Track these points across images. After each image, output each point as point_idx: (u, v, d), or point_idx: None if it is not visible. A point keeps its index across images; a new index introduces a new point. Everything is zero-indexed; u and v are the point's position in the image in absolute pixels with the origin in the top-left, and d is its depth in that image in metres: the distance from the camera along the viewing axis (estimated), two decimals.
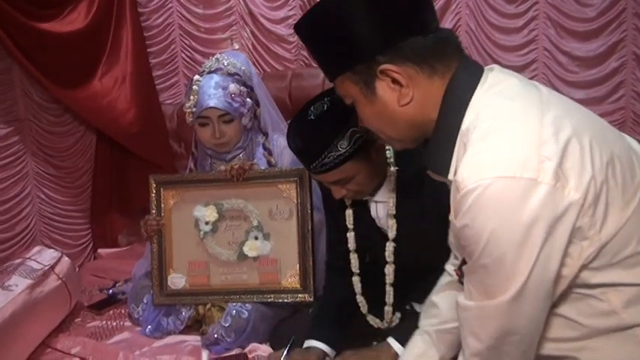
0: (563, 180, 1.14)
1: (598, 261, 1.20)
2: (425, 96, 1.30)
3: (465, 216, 1.18)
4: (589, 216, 1.16)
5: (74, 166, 3.26)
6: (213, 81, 2.44)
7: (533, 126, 1.18)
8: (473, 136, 1.22)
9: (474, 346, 1.28)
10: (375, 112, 1.35)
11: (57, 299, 2.47)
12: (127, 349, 2.34)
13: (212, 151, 2.58)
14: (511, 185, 1.13)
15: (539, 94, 1.28)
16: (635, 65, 2.94)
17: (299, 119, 1.88)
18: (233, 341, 2.28)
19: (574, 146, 1.17)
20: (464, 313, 1.30)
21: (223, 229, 2.47)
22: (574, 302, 1.26)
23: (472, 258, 1.22)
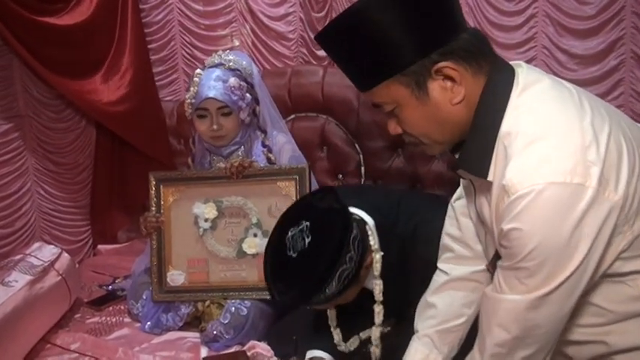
0: (604, 183, 1.18)
1: (629, 252, 1.26)
2: (471, 94, 1.31)
3: (514, 220, 1.21)
4: (624, 213, 1.22)
5: (74, 162, 3.26)
6: (214, 74, 2.47)
7: (575, 131, 1.22)
8: (517, 142, 1.24)
9: (501, 337, 1.31)
10: (425, 115, 1.33)
11: (57, 295, 2.47)
12: (126, 345, 2.35)
13: (209, 145, 2.59)
14: (562, 191, 1.17)
15: (571, 94, 1.31)
16: (634, 63, 2.93)
17: (279, 256, 1.73)
18: (232, 338, 2.29)
19: (612, 147, 1.22)
20: (494, 304, 1.32)
21: (222, 226, 2.48)
22: (603, 290, 1.31)
23: (514, 259, 1.24)
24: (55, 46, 2.91)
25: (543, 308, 1.25)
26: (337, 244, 1.65)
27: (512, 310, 1.27)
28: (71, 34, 2.93)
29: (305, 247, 1.66)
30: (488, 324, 1.33)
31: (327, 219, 1.71)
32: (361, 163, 3.05)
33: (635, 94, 3.02)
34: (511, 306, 1.28)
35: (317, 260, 1.66)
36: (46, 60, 2.89)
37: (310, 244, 1.66)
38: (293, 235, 1.69)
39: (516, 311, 1.27)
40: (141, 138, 3.18)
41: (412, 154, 2.94)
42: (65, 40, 2.93)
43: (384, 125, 2.89)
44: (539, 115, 1.26)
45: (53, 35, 2.89)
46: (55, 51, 2.91)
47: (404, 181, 2.98)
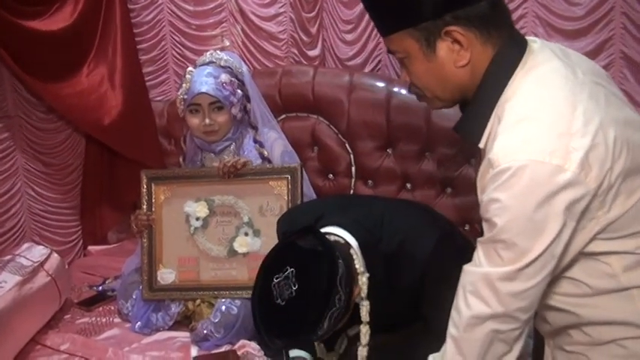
0: (587, 169, 1.24)
1: (605, 234, 1.32)
2: (477, 61, 1.39)
3: (495, 192, 1.28)
4: (600, 200, 1.28)
5: (64, 162, 3.24)
6: (206, 71, 2.50)
7: (565, 117, 1.28)
8: (509, 118, 1.32)
9: (478, 308, 1.34)
10: (429, 70, 1.43)
11: (46, 296, 2.47)
12: (116, 345, 2.35)
13: (201, 142, 2.59)
14: (540, 168, 1.23)
15: (574, 81, 1.36)
16: (623, 64, 2.94)
17: (267, 305, 1.71)
18: (222, 337, 2.29)
19: (599, 139, 1.27)
20: (471, 277, 1.36)
21: (214, 224, 2.48)
22: (581, 266, 1.37)
23: (492, 231, 1.31)
24: (38, 50, 2.88)
25: (517, 282, 1.30)
26: (325, 292, 1.65)
27: (489, 281, 1.32)
28: (54, 37, 2.90)
29: (293, 295, 1.65)
30: (464, 296, 1.37)
31: (312, 264, 1.69)
32: (352, 163, 3.05)
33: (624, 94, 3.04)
34: (487, 278, 1.32)
35: (306, 309, 1.66)
36: (28, 64, 2.86)
37: (297, 292, 1.65)
38: (279, 282, 1.67)
39: (492, 282, 1.31)
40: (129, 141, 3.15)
41: (403, 154, 2.95)
42: (48, 43, 2.90)
43: (374, 125, 2.93)
44: (535, 97, 1.33)
45: (35, 39, 2.86)
46: (37, 55, 2.88)
47: (394, 181, 2.98)
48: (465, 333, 1.37)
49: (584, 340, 1.41)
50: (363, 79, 3.01)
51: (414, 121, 2.88)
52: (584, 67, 1.43)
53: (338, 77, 3.04)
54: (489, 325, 1.34)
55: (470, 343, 1.37)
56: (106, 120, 3.06)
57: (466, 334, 1.37)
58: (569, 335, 1.45)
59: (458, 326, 1.39)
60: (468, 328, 1.36)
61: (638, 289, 1.34)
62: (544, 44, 1.44)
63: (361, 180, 3.05)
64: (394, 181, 2.99)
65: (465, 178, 2.81)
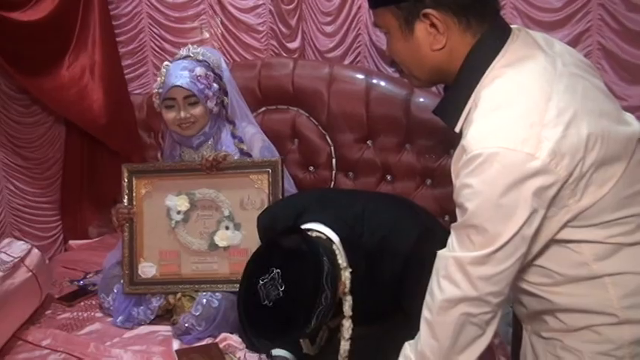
0: (558, 158, 1.26)
1: (577, 222, 1.34)
2: (454, 47, 1.41)
3: (466, 177, 1.31)
4: (571, 189, 1.30)
5: (44, 157, 3.23)
6: (181, 65, 2.48)
7: (539, 107, 1.30)
8: (484, 104, 1.35)
9: (450, 291, 1.37)
10: (406, 49, 1.45)
11: (27, 291, 2.45)
12: (97, 340, 2.35)
13: (178, 137, 2.59)
14: (510, 155, 1.26)
15: (554, 70, 1.38)
16: (601, 55, 2.96)
17: (254, 306, 1.70)
18: (204, 330, 2.30)
19: (572, 131, 1.29)
20: (444, 261, 1.39)
21: (195, 218, 2.48)
22: (552, 255, 1.40)
23: (464, 216, 1.33)
24: (19, 41, 2.86)
25: (488, 266, 1.32)
26: (312, 291, 1.67)
27: (460, 265, 1.34)
28: (34, 28, 2.88)
29: (280, 297, 1.65)
30: (437, 280, 1.40)
31: (298, 264, 1.70)
32: (332, 155, 3.05)
33: None
34: (459, 262, 1.35)
35: (294, 310, 1.67)
36: (9, 55, 2.84)
37: (284, 292, 1.65)
38: (265, 283, 1.67)
39: (464, 266, 1.34)
40: (110, 133, 3.14)
41: (383, 145, 2.96)
42: (28, 35, 2.88)
43: (354, 117, 2.94)
44: (511, 85, 1.36)
45: (16, 30, 2.84)
46: (18, 46, 2.86)
47: (375, 173, 3.00)
48: (438, 316, 1.39)
49: (559, 326, 1.44)
50: (342, 71, 3.02)
51: (393, 113, 2.90)
52: (567, 58, 1.44)
53: (318, 69, 3.05)
54: (461, 309, 1.36)
55: (443, 326, 1.39)
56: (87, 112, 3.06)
57: (439, 317, 1.39)
58: (545, 321, 1.47)
59: (431, 310, 1.41)
60: (441, 312, 1.38)
61: (610, 277, 1.37)
62: (528, 34, 1.46)
63: (342, 172, 3.06)
64: (374, 173, 3.01)
65: (445, 169, 2.82)
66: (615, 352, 1.39)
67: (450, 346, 1.40)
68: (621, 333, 1.38)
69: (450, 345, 1.40)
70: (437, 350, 1.41)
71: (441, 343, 1.40)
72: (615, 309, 1.37)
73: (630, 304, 1.37)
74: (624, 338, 1.38)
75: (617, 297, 1.37)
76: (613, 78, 2.89)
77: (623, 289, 1.37)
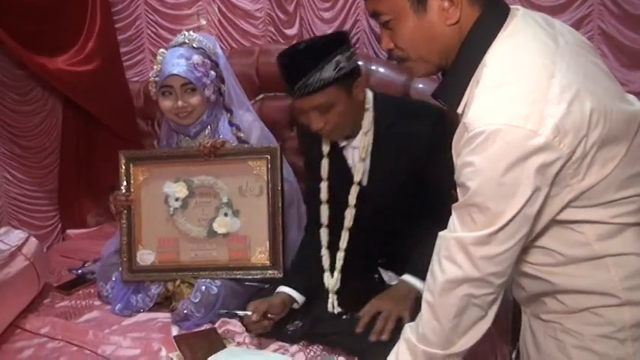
0: (562, 135, 1.24)
1: (579, 202, 1.33)
2: (464, 21, 1.39)
3: (468, 155, 1.29)
4: (574, 168, 1.28)
5: (40, 146, 3.22)
6: (178, 52, 2.46)
7: (542, 84, 1.28)
8: (486, 81, 1.33)
9: (452, 272, 1.36)
10: (418, 28, 1.41)
11: (25, 280, 2.44)
12: (96, 327, 2.33)
13: (175, 125, 2.56)
14: (513, 132, 1.24)
15: (556, 47, 1.37)
16: (601, 40, 2.94)
17: (289, 48, 2.11)
18: (203, 317, 2.28)
19: (575, 107, 1.27)
20: (446, 242, 1.38)
21: (193, 205, 2.46)
22: (553, 235, 1.38)
23: (466, 195, 1.32)
24: (25, 19, 2.85)
25: (491, 245, 1.31)
26: (337, 38, 2.09)
27: (463, 246, 1.33)
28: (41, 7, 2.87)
29: (313, 42, 2.15)
30: (439, 261, 1.39)
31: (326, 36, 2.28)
32: None
33: None
34: (461, 242, 1.34)
35: (320, 45, 2.06)
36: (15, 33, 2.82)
37: (318, 41, 2.16)
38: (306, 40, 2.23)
39: (466, 247, 1.33)
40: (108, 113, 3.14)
41: None
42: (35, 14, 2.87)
43: None
44: (513, 62, 1.33)
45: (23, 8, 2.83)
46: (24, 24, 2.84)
47: None
48: (440, 298, 1.38)
49: (559, 308, 1.43)
50: None
51: None
52: (568, 37, 1.42)
53: None
54: (463, 290, 1.35)
55: (445, 308, 1.38)
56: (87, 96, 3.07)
57: (441, 299, 1.38)
58: (544, 303, 1.46)
59: (433, 291, 1.40)
60: (443, 293, 1.38)
61: (612, 257, 1.36)
62: (527, 13, 1.44)
63: None
64: None
65: None
66: (616, 334, 1.38)
67: (452, 327, 1.39)
68: (622, 315, 1.37)
69: (452, 327, 1.39)
70: (439, 332, 1.40)
71: (442, 325, 1.39)
72: (617, 290, 1.36)
73: (632, 286, 1.36)
74: (625, 320, 1.37)
75: (619, 278, 1.36)
76: (614, 63, 2.88)
77: (625, 270, 1.36)
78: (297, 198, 2.67)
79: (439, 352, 1.42)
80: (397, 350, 1.50)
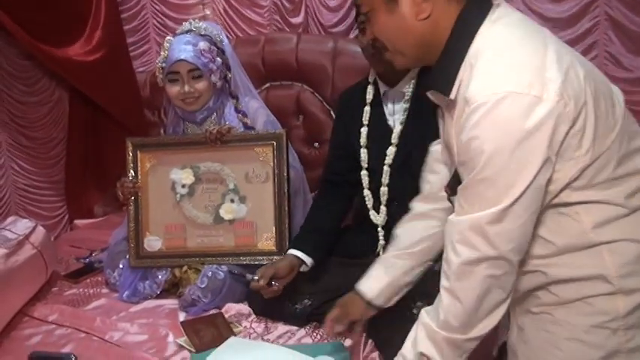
0: (566, 99, 1.25)
1: (579, 181, 1.33)
2: (440, 17, 1.39)
3: (474, 129, 1.27)
4: (577, 138, 1.29)
5: (47, 136, 3.22)
6: (185, 39, 2.46)
7: (538, 52, 1.30)
8: (482, 58, 1.32)
9: (469, 255, 1.34)
10: (392, 22, 1.42)
11: (33, 268, 2.45)
12: (104, 314, 2.34)
13: (182, 112, 2.57)
14: (519, 100, 1.23)
15: (541, 30, 1.40)
16: (608, 25, 2.93)
17: None
18: (210, 302, 2.29)
19: (573, 74, 1.29)
20: (456, 226, 1.36)
21: (200, 192, 2.47)
22: (549, 223, 1.37)
23: (473, 172, 1.30)
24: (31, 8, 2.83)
25: (505, 222, 1.29)
26: None
27: (478, 225, 1.31)
28: None
29: None
30: (452, 246, 1.37)
31: None
32: None
33: (609, 57, 3.02)
34: (475, 222, 1.32)
35: None
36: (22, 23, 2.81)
37: None
38: None
39: (481, 227, 1.31)
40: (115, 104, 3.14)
41: None
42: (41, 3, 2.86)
43: None
44: (507, 37, 1.34)
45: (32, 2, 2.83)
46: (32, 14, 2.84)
47: None
48: (458, 282, 1.37)
49: (551, 300, 1.42)
50: (347, 46, 2.99)
51: None
52: None
53: (322, 44, 3.02)
54: (483, 271, 1.33)
55: (466, 291, 1.36)
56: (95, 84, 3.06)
57: (459, 282, 1.37)
58: (537, 297, 1.45)
59: (449, 277, 1.39)
60: (462, 277, 1.36)
61: (607, 244, 1.35)
62: (507, 5, 1.44)
63: None
64: None
65: None
66: (609, 324, 1.36)
67: (474, 310, 1.37)
68: (616, 304, 1.36)
69: (474, 309, 1.37)
70: (461, 315, 1.39)
71: (465, 308, 1.37)
72: (612, 277, 1.35)
73: (626, 273, 1.35)
74: (619, 310, 1.36)
75: (614, 266, 1.35)
76: (620, 49, 2.86)
77: (621, 257, 1.35)
78: (303, 185, 2.68)
79: (459, 337, 1.41)
80: (415, 336, 1.48)
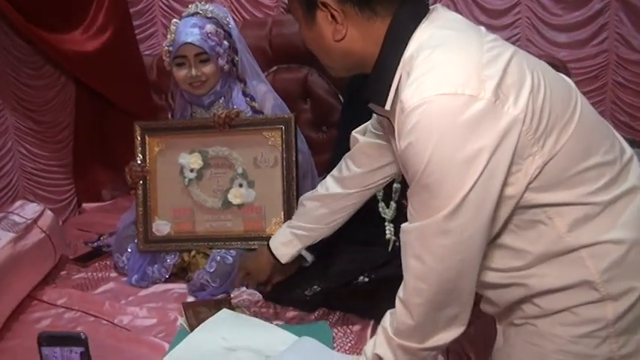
0: (503, 98, 1.18)
1: (542, 179, 1.25)
2: (363, 35, 1.36)
3: (409, 135, 1.21)
4: (532, 132, 1.22)
5: (55, 120, 3.21)
6: (191, 22, 2.44)
7: (474, 50, 1.24)
8: (416, 62, 1.26)
9: (417, 269, 1.30)
10: (312, 38, 1.41)
11: (41, 252, 2.44)
12: (112, 298, 2.34)
13: (189, 96, 2.56)
14: (452, 101, 1.17)
15: (478, 27, 1.35)
16: (619, 6, 2.91)
17: None
18: (218, 287, 2.28)
19: (513, 67, 1.23)
20: (406, 236, 1.32)
21: (208, 176, 2.46)
22: (521, 231, 1.31)
23: (415, 178, 1.24)
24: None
25: (451, 234, 1.23)
26: None
27: (423, 236, 1.26)
28: None
29: None
30: (405, 258, 1.33)
31: None
32: None
33: (619, 38, 3.01)
34: (421, 232, 1.27)
35: None
36: (24, 10, 2.80)
37: None
38: None
39: (426, 237, 1.26)
40: (123, 94, 3.13)
41: None
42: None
43: None
44: (440, 38, 1.28)
45: None
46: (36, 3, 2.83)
47: None
48: (409, 296, 1.33)
49: (535, 312, 1.35)
50: None
51: None
52: None
53: None
54: (434, 286, 1.28)
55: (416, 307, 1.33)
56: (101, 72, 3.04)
57: (410, 297, 1.33)
58: (520, 309, 1.38)
59: (402, 288, 1.36)
60: (412, 292, 1.32)
61: (586, 248, 1.28)
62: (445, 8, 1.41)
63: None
64: None
65: None
66: (598, 332, 1.29)
67: (426, 324, 1.34)
68: (604, 311, 1.28)
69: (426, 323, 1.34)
70: (413, 326, 1.35)
71: (417, 320, 1.34)
72: (597, 284, 1.27)
73: (610, 277, 1.27)
74: (607, 317, 1.28)
75: (597, 271, 1.27)
76: (631, 30, 2.85)
77: (602, 261, 1.27)
78: (311, 169, 2.67)
79: (414, 346, 1.36)
80: (375, 339, 1.46)
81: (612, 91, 3.20)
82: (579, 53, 3.14)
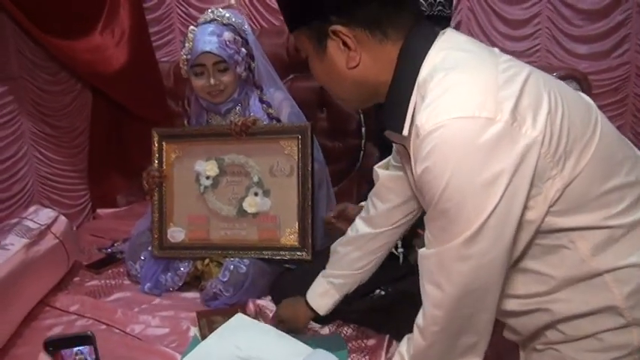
0: (520, 119, 1.15)
1: (563, 203, 1.22)
2: (375, 60, 1.32)
3: (425, 159, 1.18)
4: (551, 154, 1.18)
5: (71, 125, 3.21)
6: (209, 29, 2.42)
7: (489, 71, 1.21)
8: (430, 85, 1.23)
9: (435, 296, 1.26)
10: (325, 71, 1.37)
11: (54, 258, 2.44)
12: (125, 306, 2.33)
13: (207, 103, 2.54)
14: (469, 124, 1.13)
15: (491, 49, 1.32)
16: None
17: None
18: (232, 296, 2.27)
19: (530, 86, 1.20)
20: (424, 262, 1.29)
21: (224, 184, 2.45)
22: (544, 255, 1.28)
23: (432, 204, 1.20)
24: (49, 5, 2.83)
25: (471, 260, 1.19)
26: None
27: (441, 262, 1.23)
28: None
29: None
30: (423, 284, 1.30)
31: None
32: (362, 123, 3.00)
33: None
34: (439, 258, 1.23)
35: None
36: (39, 20, 2.81)
37: None
38: None
39: (444, 263, 1.22)
40: (139, 100, 3.12)
41: None
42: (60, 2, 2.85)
43: None
44: (454, 60, 1.25)
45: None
46: (48, 10, 2.83)
47: None
48: (427, 324, 1.30)
49: (559, 338, 1.32)
50: None
51: None
52: None
53: None
54: (451, 313, 1.25)
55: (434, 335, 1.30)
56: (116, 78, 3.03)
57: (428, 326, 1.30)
58: (544, 335, 1.35)
59: (421, 316, 1.33)
60: (430, 320, 1.29)
61: (610, 273, 1.24)
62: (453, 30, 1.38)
63: (371, 141, 3.00)
64: None
65: None
66: (624, 358, 1.26)
67: (443, 352, 1.31)
68: (630, 337, 1.25)
69: (443, 352, 1.31)
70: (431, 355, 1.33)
71: (434, 349, 1.31)
72: (622, 310, 1.24)
73: (636, 302, 1.24)
74: (634, 343, 1.25)
75: (622, 296, 1.24)
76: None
77: (627, 285, 1.24)
78: (327, 178, 2.64)
79: None
80: None
81: (633, 104, 3.16)
82: (600, 65, 3.11)
